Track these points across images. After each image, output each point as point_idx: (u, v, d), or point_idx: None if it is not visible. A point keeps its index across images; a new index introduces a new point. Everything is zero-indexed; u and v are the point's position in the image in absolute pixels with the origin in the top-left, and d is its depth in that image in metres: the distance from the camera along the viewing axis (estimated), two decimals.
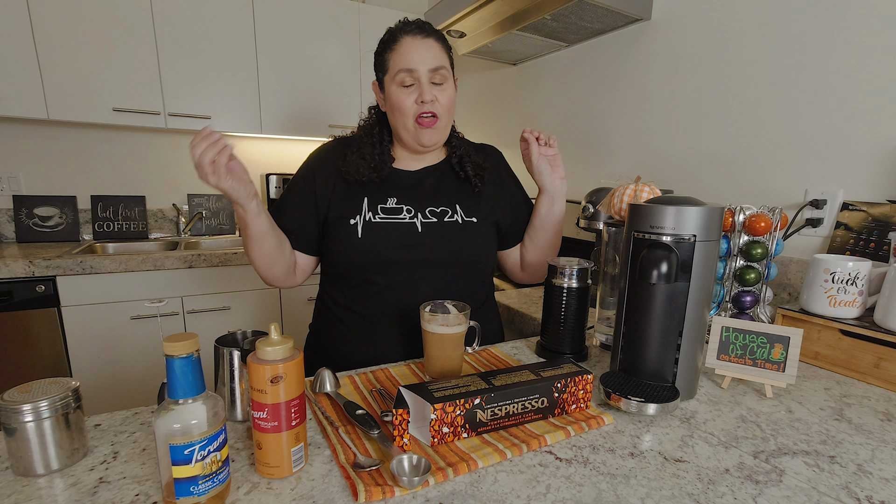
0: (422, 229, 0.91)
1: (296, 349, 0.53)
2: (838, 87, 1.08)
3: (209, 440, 0.45)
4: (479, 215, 0.96)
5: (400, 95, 0.87)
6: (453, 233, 0.93)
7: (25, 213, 2.05)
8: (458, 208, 0.95)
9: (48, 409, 0.50)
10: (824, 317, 0.86)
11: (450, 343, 0.74)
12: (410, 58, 0.85)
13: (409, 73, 0.85)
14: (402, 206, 0.92)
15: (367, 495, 0.48)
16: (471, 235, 0.94)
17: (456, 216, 0.94)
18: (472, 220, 0.95)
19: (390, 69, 0.87)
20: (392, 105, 0.88)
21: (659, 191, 0.94)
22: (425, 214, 0.93)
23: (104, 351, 1.77)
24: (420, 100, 0.86)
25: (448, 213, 0.94)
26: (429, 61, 0.86)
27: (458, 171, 0.98)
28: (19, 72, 1.75)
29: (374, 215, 0.90)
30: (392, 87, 0.87)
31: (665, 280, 0.67)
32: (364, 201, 0.91)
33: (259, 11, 2.07)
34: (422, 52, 0.85)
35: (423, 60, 0.85)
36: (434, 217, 0.93)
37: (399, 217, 0.91)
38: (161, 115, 1.99)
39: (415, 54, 0.85)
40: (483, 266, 0.99)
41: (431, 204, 0.94)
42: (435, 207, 0.94)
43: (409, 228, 0.91)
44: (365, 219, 0.90)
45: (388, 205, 0.92)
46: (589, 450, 0.58)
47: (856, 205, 1.05)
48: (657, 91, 1.50)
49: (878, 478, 0.54)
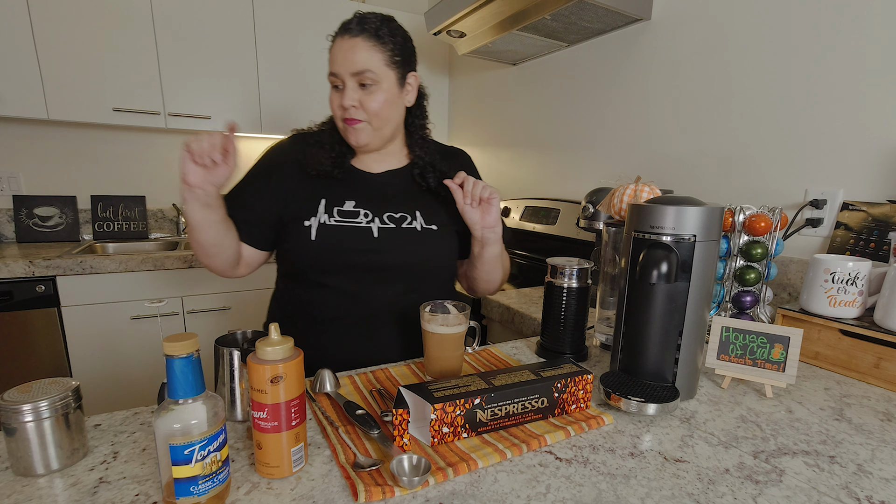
0: (378, 234, 0.89)
1: (296, 349, 0.53)
2: (838, 87, 1.08)
3: (209, 440, 0.45)
4: (440, 222, 0.94)
5: (331, 97, 0.88)
6: (410, 239, 0.91)
7: (25, 213, 2.05)
8: (418, 215, 0.93)
9: (48, 409, 0.50)
10: (824, 317, 0.86)
11: (450, 343, 0.74)
12: (335, 60, 0.84)
13: (334, 77, 0.85)
14: (360, 209, 0.90)
15: (367, 495, 0.48)
16: (429, 243, 0.92)
17: (415, 223, 0.92)
18: (431, 227, 0.93)
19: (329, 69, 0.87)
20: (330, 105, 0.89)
21: (659, 191, 0.94)
22: (383, 220, 0.90)
23: (104, 351, 1.77)
24: (340, 104, 0.86)
25: (407, 220, 0.92)
26: (351, 65, 0.82)
27: (419, 183, 0.95)
28: (19, 72, 1.75)
29: (330, 217, 0.88)
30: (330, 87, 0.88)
31: (665, 280, 0.67)
32: (321, 203, 0.89)
33: (259, 11, 2.07)
34: (345, 55, 0.83)
35: (345, 64, 0.83)
36: (392, 223, 0.91)
37: (355, 221, 0.89)
38: (161, 115, 1.99)
39: (339, 56, 0.84)
40: (441, 274, 0.97)
41: (391, 209, 0.92)
42: (394, 213, 0.91)
43: (364, 233, 0.88)
44: (320, 221, 0.87)
45: (346, 207, 0.90)
46: (589, 450, 0.58)
47: (856, 205, 1.05)
48: (657, 91, 1.50)
49: (878, 478, 0.54)
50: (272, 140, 2.65)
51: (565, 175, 1.94)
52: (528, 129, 2.11)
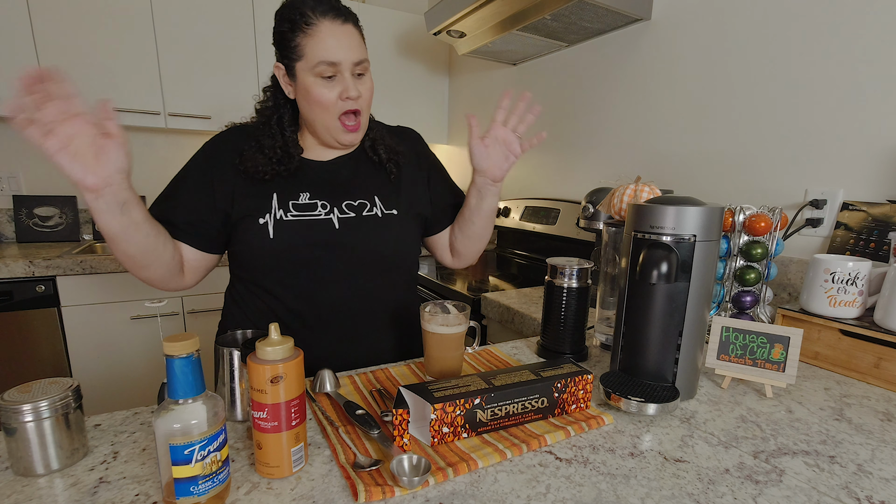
0: (339, 225, 0.84)
1: (296, 349, 0.53)
2: (838, 87, 1.08)
3: (209, 440, 0.45)
4: (400, 207, 0.90)
5: (321, 90, 0.78)
6: (373, 227, 0.86)
7: (25, 213, 2.05)
8: (376, 200, 0.88)
9: (48, 409, 0.50)
10: (824, 317, 0.86)
11: (450, 343, 0.74)
12: (333, 48, 0.76)
13: (332, 66, 0.77)
14: (317, 201, 0.85)
15: (367, 495, 0.48)
16: (392, 229, 0.88)
17: (375, 209, 0.88)
18: (392, 212, 0.89)
19: (307, 57, 0.77)
20: (312, 99, 0.80)
21: (659, 191, 0.94)
22: (342, 209, 0.86)
23: (104, 351, 1.77)
24: (346, 95, 0.79)
25: (367, 207, 0.87)
26: (353, 53, 0.78)
27: (371, 156, 0.91)
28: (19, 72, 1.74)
29: (286, 213, 0.83)
30: (309, 77, 0.78)
31: (665, 280, 0.67)
32: (273, 198, 0.83)
33: (259, 11, 2.07)
34: (345, 42, 0.77)
35: (347, 52, 0.77)
36: (352, 211, 0.86)
37: (314, 214, 0.84)
38: (161, 115, 1.99)
39: (337, 44, 0.76)
40: (406, 260, 0.93)
41: (348, 197, 0.87)
42: (352, 201, 0.87)
43: (325, 225, 0.84)
44: (276, 217, 0.82)
45: (301, 200, 0.84)
46: (589, 450, 0.58)
47: (856, 205, 1.05)
48: (657, 91, 1.50)
49: (878, 478, 0.54)
50: None
51: (565, 175, 1.94)
52: (528, 129, 2.11)
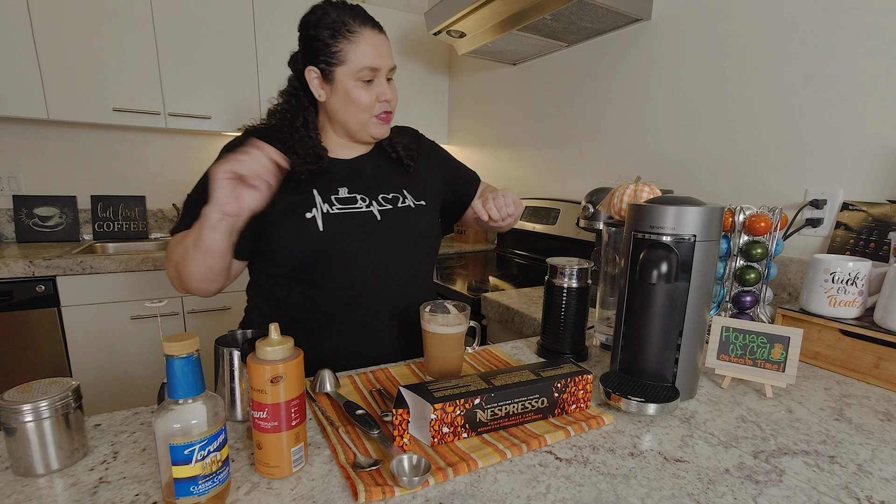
0: (380, 217, 0.90)
1: (296, 349, 0.53)
2: (838, 87, 1.08)
3: (209, 440, 0.45)
4: (426, 197, 0.98)
5: (360, 92, 0.86)
6: (409, 217, 0.93)
7: (25, 213, 2.05)
8: (406, 193, 0.95)
9: (48, 409, 0.50)
10: (824, 317, 0.86)
11: (450, 343, 0.74)
12: (374, 55, 0.84)
13: (374, 72, 0.84)
14: (355, 195, 0.90)
15: (367, 495, 0.48)
16: (424, 218, 0.96)
17: (408, 201, 0.94)
18: (421, 203, 0.96)
19: (350, 62, 0.83)
20: (351, 100, 0.86)
21: (659, 191, 0.94)
22: (379, 202, 0.91)
23: (104, 351, 1.77)
24: (383, 98, 0.87)
25: (400, 199, 0.94)
26: (390, 60, 0.87)
27: (390, 153, 0.98)
28: (19, 72, 1.75)
29: (332, 206, 0.87)
30: (350, 81, 0.85)
31: (665, 280, 0.67)
32: (315, 193, 0.87)
33: (259, 11, 2.07)
34: (384, 50, 0.86)
35: (386, 59, 0.86)
36: (388, 203, 0.92)
37: (356, 207, 0.89)
38: (161, 115, 1.99)
39: (378, 52, 0.84)
40: (433, 248, 1.01)
41: (381, 191, 0.93)
42: (386, 194, 0.93)
43: (368, 217, 0.89)
44: (323, 210, 0.86)
45: (341, 195, 0.89)
46: (589, 450, 0.58)
47: (856, 205, 1.05)
48: (657, 91, 1.50)
49: (878, 478, 0.54)
50: None
51: (565, 175, 1.94)
52: (528, 129, 2.11)
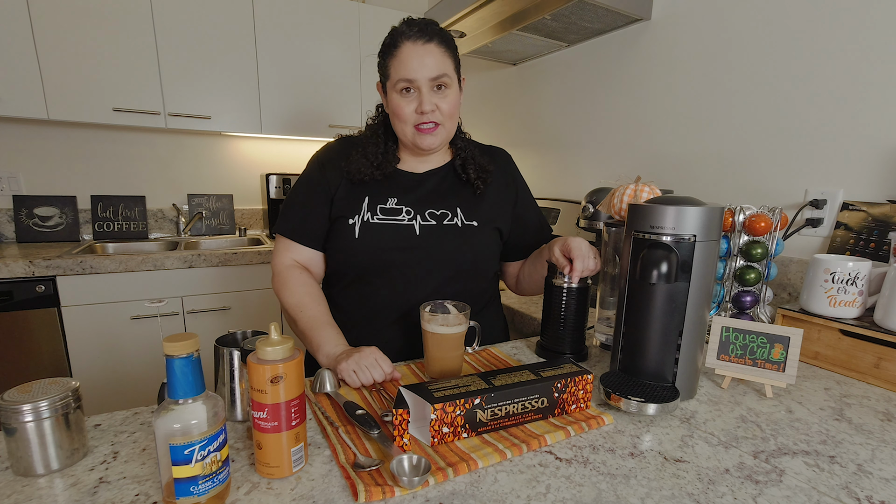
0: (420, 231, 0.90)
1: (296, 349, 0.53)
2: (838, 87, 1.08)
3: (209, 440, 0.45)
4: (480, 219, 0.95)
5: (399, 103, 0.86)
6: (452, 236, 0.92)
7: (25, 213, 2.05)
8: (458, 211, 0.94)
9: (48, 409, 0.50)
10: (824, 317, 0.85)
11: (450, 343, 0.74)
12: (410, 67, 0.83)
13: (409, 83, 0.84)
14: (402, 206, 0.92)
15: (367, 495, 0.48)
16: (470, 239, 0.93)
17: (456, 219, 0.93)
18: (472, 223, 0.94)
19: (391, 76, 0.85)
20: (392, 111, 0.88)
21: (659, 191, 0.94)
22: (424, 217, 0.92)
23: (104, 351, 1.77)
24: (420, 109, 0.85)
25: (448, 216, 0.93)
26: (429, 70, 0.83)
27: (460, 174, 0.96)
28: (19, 72, 1.74)
29: (373, 216, 0.90)
30: (392, 93, 0.86)
31: (665, 280, 0.67)
32: (365, 201, 0.91)
33: (259, 11, 2.07)
34: (422, 60, 0.83)
35: (423, 69, 0.83)
36: (433, 219, 0.92)
37: (398, 218, 0.91)
38: (161, 115, 1.98)
39: (414, 62, 0.82)
40: (482, 270, 0.97)
41: (431, 206, 0.93)
42: (435, 210, 0.93)
43: (406, 230, 0.90)
44: (363, 219, 0.90)
45: (388, 205, 0.91)
46: (589, 450, 0.58)
47: (856, 205, 1.05)
48: (657, 91, 1.50)
49: (878, 478, 0.54)
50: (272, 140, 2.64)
51: (565, 175, 1.93)
52: (528, 129, 2.11)
